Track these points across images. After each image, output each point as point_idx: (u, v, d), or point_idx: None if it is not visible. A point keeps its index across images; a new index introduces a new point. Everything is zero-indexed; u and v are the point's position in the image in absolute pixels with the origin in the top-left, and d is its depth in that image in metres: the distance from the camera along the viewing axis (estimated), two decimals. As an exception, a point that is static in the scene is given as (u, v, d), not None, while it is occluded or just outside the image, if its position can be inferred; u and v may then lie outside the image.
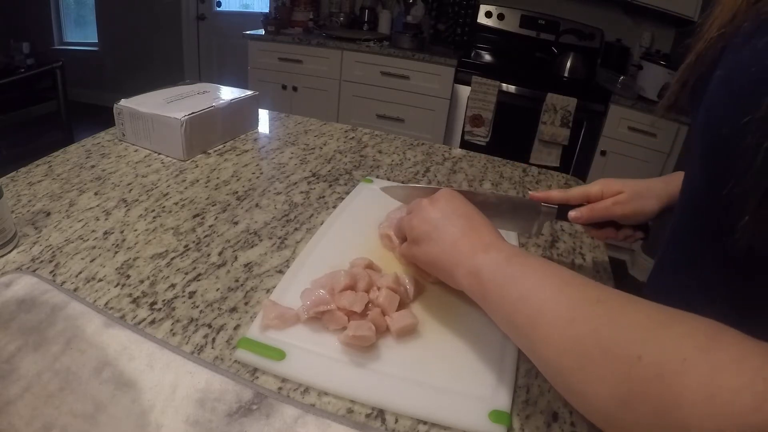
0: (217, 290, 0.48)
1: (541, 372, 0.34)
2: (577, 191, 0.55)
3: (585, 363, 0.29)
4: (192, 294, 0.47)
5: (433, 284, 0.49)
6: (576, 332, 0.30)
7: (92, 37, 3.71)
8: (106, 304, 0.45)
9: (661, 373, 0.25)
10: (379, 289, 0.44)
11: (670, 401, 0.24)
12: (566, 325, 0.31)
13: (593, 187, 0.55)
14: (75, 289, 0.46)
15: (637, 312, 0.30)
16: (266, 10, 2.90)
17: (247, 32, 2.49)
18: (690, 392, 0.24)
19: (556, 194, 0.54)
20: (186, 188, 0.67)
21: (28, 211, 0.58)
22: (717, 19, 0.37)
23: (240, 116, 0.86)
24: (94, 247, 0.52)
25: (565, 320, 0.31)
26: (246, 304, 0.46)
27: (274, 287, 0.47)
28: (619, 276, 0.60)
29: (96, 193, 0.63)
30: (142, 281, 0.48)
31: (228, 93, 0.85)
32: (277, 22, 2.48)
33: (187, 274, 0.50)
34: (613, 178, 0.55)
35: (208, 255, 0.53)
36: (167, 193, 0.65)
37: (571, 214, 0.53)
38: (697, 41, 0.39)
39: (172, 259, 0.52)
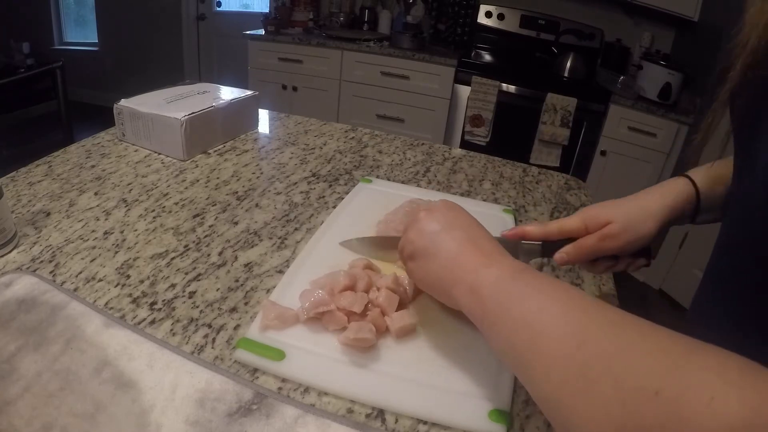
0: (217, 290, 0.48)
1: (538, 405, 0.30)
2: (554, 226, 0.47)
3: (591, 393, 0.25)
4: (192, 294, 0.47)
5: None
6: (584, 358, 0.26)
7: (92, 37, 3.71)
8: (106, 304, 0.45)
9: (681, 413, 0.21)
10: (378, 289, 0.45)
11: None
12: (573, 350, 0.27)
13: (571, 221, 0.48)
14: (75, 289, 0.46)
15: (656, 339, 0.26)
16: (266, 10, 2.90)
17: (247, 32, 2.49)
18: None
19: (534, 230, 0.47)
20: (186, 188, 0.67)
21: (28, 211, 0.58)
22: (749, 43, 0.32)
23: (240, 116, 0.86)
24: (94, 247, 0.52)
25: (572, 344, 0.27)
26: (246, 304, 0.46)
27: (275, 287, 0.47)
28: (619, 276, 0.59)
29: (96, 193, 0.63)
30: (142, 281, 0.48)
31: (228, 93, 0.85)
32: (277, 22, 2.48)
33: (187, 274, 0.50)
34: (596, 206, 0.48)
35: (208, 255, 0.53)
36: (167, 193, 0.65)
37: (557, 257, 0.46)
38: (728, 70, 0.34)
39: (172, 259, 0.52)
